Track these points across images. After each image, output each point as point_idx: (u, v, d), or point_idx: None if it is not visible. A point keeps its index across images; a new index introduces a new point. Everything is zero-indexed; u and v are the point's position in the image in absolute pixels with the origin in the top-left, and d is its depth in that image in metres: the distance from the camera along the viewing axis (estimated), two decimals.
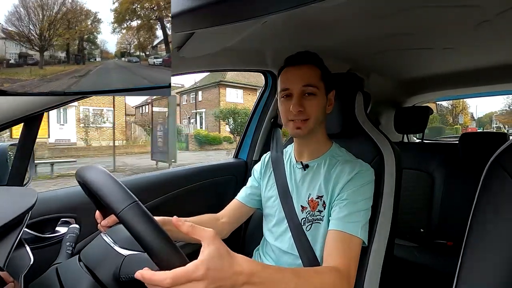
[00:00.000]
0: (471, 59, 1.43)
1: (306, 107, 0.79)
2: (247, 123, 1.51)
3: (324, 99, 0.82)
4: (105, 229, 0.68)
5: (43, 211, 0.84)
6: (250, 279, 0.47)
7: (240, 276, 0.46)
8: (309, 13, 0.87)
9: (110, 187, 0.49)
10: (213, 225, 0.92)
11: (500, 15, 0.88)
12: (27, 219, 0.53)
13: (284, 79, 0.82)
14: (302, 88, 0.78)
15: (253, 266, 0.49)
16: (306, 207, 0.83)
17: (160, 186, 1.14)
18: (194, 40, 0.82)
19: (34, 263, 0.64)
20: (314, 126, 0.81)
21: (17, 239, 0.48)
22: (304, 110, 0.78)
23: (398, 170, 0.88)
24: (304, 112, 0.79)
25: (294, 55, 0.83)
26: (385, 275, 0.83)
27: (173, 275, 0.40)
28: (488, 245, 0.49)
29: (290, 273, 0.56)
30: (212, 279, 0.42)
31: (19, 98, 0.70)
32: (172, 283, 0.40)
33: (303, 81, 0.79)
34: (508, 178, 0.49)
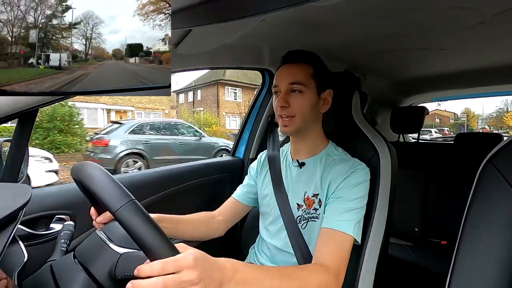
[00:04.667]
0: (467, 60, 1.45)
1: (292, 104, 0.80)
2: (244, 121, 1.51)
3: (313, 97, 0.81)
4: (100, 226, 0.68)
5: (37, 208, 0.83)
6: (235, 275, 0.48)
7: (226, 271, 0.48)
8: (307, 12, 0.87)
9: (106, 185, 0.48)
10: (209, 223, 0.92)
11: (496, 17, 0.89)
12: (21, 215, 0.52)
13: (276, 77, 0.84)
14: (289, 85, 0.80)
15: (235, 263, 0.51)
16: (302, 205, 0.83)
17: (156, 183, 1.14)
18: (192, 38, 0.82)
19: (28, 260, 0.64)
20: (302, 124, 0.81)
21: (11, 236, 0.48)
22: (289, 106, 0.80)
23: (393, 170, 0.88)
24: (289, 109, 0.80)
25: (287, 54, 0.84)
26: (379, 274, 0.84)
27: (162, 261, 0.41)
28: (481, 244, 0.50)
29: (274, 271, 0.57)
30: (202, 268, 0.43)
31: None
32: (162, 268, 0.41)
33: (290, 78, 0.80)
34: (501, 178, 0.50)
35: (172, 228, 0.80)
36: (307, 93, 0.80)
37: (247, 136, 1.46)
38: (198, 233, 0.90)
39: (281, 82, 0.82)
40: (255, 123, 1.44)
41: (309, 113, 0.81)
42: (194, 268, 0.42)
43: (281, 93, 0.81)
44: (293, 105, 0.80)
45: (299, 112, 0.80)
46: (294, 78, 0.80)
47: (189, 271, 0.42)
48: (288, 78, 0.80)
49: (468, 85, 1.90)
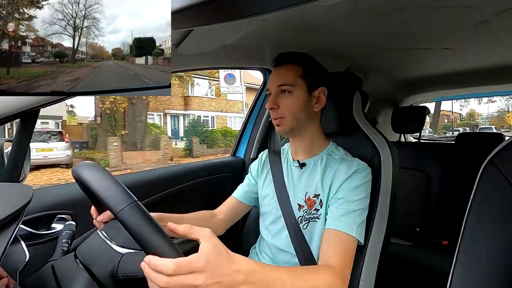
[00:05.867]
0: (470, 59, 1.44)
1: (281, 105, 0.82)
2: (244, 121, 1.51)
3: (303, 96, 0.82)
4: (101, 224, 0.68)
5: (39, 208, 0.84)
6: (248, 277, 0.47)
7: (239, 274, 0.47)
8: (308, 12, 0.86)
9: (108, 186, 0.48)
10: (209, 221, 0.92)
11: (499, 16, 0.88)
12: (23, 215, 0.52)
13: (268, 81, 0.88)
14: (278, 87, 0.82)
15: (251, 265, 0.50)
16: (303, 205, 0.83)
17: (157, 183, 1.14)
18: (193, 37, 0.82)
19: (30, 259, 0.64)
20: (294, 123, 0.82)
21: (12, 236, 0.48)
22: (278, 108, 0.82)
23: (395, 170, 0.88)
24: (278, 110, 0.82)
25: (276, 57, 0.87)
26: (381, 274, 0.83)
27: (176, 263, 0.41)
28: (482, 245, 0.50)
29: (286, 272, 0.57)
30: (212, 272, 0.43)
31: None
32: (174, 270, 0.41)
33: (278, 81, 0.83)
34: (503, 178, 0.50)
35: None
36: (296, 92, 0.81)
37: (248, 136, 1.46)
38: None
39: (271, 85, 0.85)
40: (256, 123, 1.44)
41: (299, 112, 0.82)
42: (203, 272, 0.42)
43: (271, 96, 0.84)
44: (282, 106, 0.82)
45: (289, 112, 0.81)
46: (282, 80, 0.82)
47: (197, 275, 0.42)
48: (277, 81, 0.83)
49: (470, 84, 1.89)
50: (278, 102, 0.82)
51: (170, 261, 0.41)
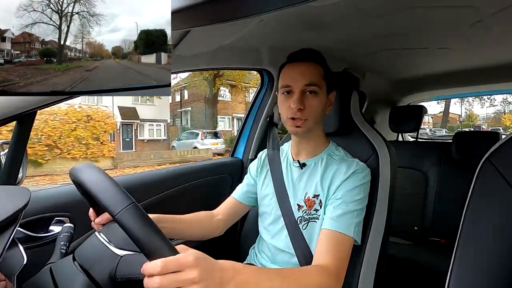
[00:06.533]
0: (465, 58, 1.45)
1: (307, 106, 0.77)
2: (243, 122, 1.51)
3: (325, 99, 0.81)
4: (99, 227, 0.67)
5: (36, 210, 0.83)
6: (234, 276, 0.48)
7: (226, 272, 0.48)
8: (306, 12, 0.87)
9: (106, 188, 0.48)
10: (208, 221, 0.92)
11: (494, 15, 0.89)
12: (20, 218, 0.52)
13: (285, 76, 0.81)
14: (304, 86, 0.77)
15: (235, 265, 0.51)
16: (302, 205, 0.83)
17: (155, 184, 1.13)
18: (191, 38, 0.82)
19: (28, 262, 0.63)
20: (313, 126, 0.80)
21: (10, 239, 0.48)
22: (304, 108, 0.77)
23: (392, 169, 0.88)
24: (304, 111, 0.77)
25: (297, 52, 0.81)
26: (379, 273, 0.84)
27: (163, 260, 0.41)
28: (480, 243, 0.50)
29: (274, 272, 0.58)
30: (203, 268, 0.43)
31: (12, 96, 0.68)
32: (163, 267, 0.41)
33: (305, 79, 0.77)
34: (500, 176, 0.50)
35: (172, 228, 0.80)
36: (320, 94, 0.79)
37: (246, 137, 1.46)
38: (198, 232, 0.89)
39: (295, 83, 0.78)
40: (254, 123, 1.44)
41: (319, 114, 0.80)
42: (195, 267, 0.42)
43: (296, 95, 0.77)
44: (308, 107, 0.77)
45: (313, 114, 0.78)
46: (309, 79, 0.77)
47: (190, 270, 0.42)
48: (303, 79, 0.77)
49: (467, 83, 1.91)
50: (304, 102, 0.77)
51: (159, 260, 0.41)
